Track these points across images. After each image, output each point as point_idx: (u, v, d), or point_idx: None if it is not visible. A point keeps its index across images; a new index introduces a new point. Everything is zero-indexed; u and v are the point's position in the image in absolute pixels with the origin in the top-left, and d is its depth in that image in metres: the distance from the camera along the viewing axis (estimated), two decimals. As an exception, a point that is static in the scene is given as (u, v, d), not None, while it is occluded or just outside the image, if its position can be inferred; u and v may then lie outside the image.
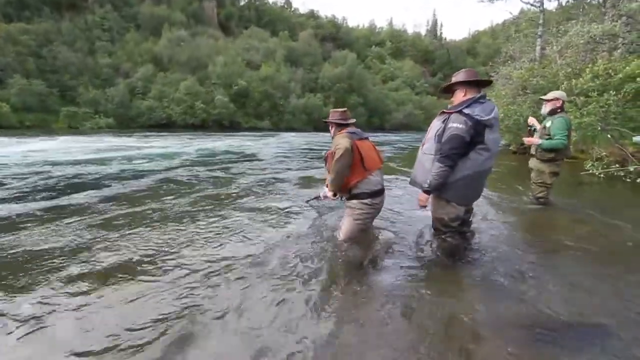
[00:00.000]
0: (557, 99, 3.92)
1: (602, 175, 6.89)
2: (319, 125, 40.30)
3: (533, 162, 4.19)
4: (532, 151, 4.19)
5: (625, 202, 5.23)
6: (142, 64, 35.03)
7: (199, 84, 34.65)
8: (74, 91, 30.94)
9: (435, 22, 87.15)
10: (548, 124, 3.89)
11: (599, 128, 7.21)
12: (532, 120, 4.28)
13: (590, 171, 7.17)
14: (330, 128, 2.88)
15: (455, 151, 2.24)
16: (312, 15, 69.92)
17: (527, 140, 4.11)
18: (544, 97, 4.08)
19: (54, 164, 7.76)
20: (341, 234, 2.81)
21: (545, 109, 3.99)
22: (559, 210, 4.22)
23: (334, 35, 65.60)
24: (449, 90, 2.46)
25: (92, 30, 37.50)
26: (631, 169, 6.62)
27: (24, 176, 6.18)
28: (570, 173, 8.04)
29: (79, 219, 3.55)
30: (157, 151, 11.35)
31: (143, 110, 31.92)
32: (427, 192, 2.36)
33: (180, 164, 8.12)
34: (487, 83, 2.47)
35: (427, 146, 2.44)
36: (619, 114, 7.15)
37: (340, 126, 2.79)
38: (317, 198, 3.24)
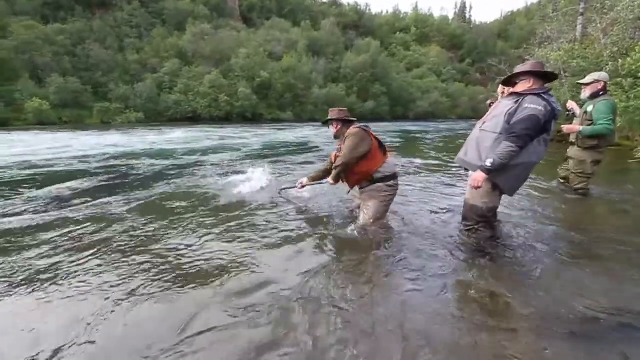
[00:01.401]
0: (597, 81, 3.49)
1: (654, 163, 6.30)
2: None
3: (573, 151, 3.82)
4: (572, 139, 3.81)
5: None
6: (168, 59, 35.92)
7: (223, 77, 35.13)
8: (106, 87, 32.32)
9: (463, 5, 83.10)
10: (589, 108, 3.49)
11: (650, 112, 6.56)
12: (571, 104, 3.89)
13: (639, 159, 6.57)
14: (333, 127, 2.96)
15: (530, 132, 2.07)
16: (334, 3, 68.65)
17: (565, 127, 3.73)
18: (581, 82, 3.69)
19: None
20: (369, 217, 2.84)
21: (585, 93, 3.58)
22: (600, 201, 3.86)
23: (356, 23, 64.20)
24: (510, 81, 2.32)
25: (121, 27, 38.83)
26: (688, 156, 5.99)
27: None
28: (614, 161, 7.41)
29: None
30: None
31: (170, 104, 32.85)
32: (487, 171, 2.16)
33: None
34: (554, 77, 2.28)
35: (490, 124, 2.27)
36: (673, 97, 6.45)
37: (347, 123, 2.91)
38: (291, 188, 3.52)
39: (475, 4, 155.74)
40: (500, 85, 2.73)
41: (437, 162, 7.48)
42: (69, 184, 4.90)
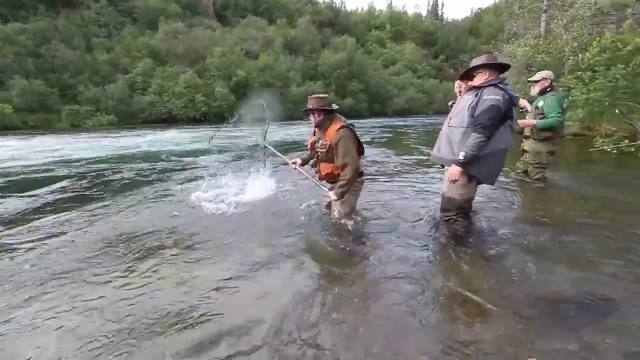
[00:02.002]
0: (544, 79, 3.93)
1: (615, 152, 6.78)
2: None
3: (529, 144, 4.15)
4: (527, 133, 4.13)
5: (636, 177, 5.13)
6: (141, 59, 34.72)
7: (198, 76, 34.36)
8: (75, 90, 30.86)
9: (436, 2, 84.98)
10: (540, 103, 3.87)
11: (607, 104, 7.03)
12: (523, 102, 4.21)
13: (601, 148, 7.04)
14: (315, 117, 2.80)
15: (494, 122, 2.23)
16: (310, 1, 68.43)
17: (521, 122, 4.04)
18: (531, 79, 4.06)
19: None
20: (345, 212, 2.91)
21: (535, 90, 4.00)
22: (564, 190, 4.16)
23: (332, 21, 64.31)
24: (468, 76, 2.49)
25: (88, 26, 37.14)
26: (642, 144, 6.47)
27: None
28: (578, 151, 7.90)
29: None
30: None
31: (144, 106, 31.82)
32: (461, 165, 2.31)
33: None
34: (508, 67, 2.46)
35: (456, 120, 2.43)
36: (629, 89, 6.94)
37: (329, 113, 2.78)
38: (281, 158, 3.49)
39: (447, 2, 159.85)
40: (457, 83, 2.90)
41: (418, 156, 7.72)
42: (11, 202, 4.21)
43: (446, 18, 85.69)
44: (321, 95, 2.85)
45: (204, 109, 32.57)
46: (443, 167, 2.68)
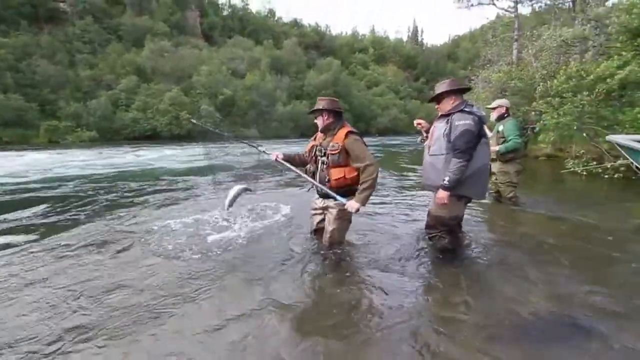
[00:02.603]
0: (500, 106, 4.34)
1: (584, 172, 7.21)
2: (307, 132, 40.49)
3: (497, 166, 4.45)
4: (493, 155, 4.44)
5: (604, 197, 5.48)
6: (125, 76, 34.56)
7: (184, 94, 34.39)
8: (54, 105, 30.24)
9: (415, 29, 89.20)
10: (500, 128, 4.24)
11: (575, 127, 7.53)
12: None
13: (572, 169, 7.47)
14: (323, 118, 2.62)
15: (471, 145, 2.40)
16: (295, 24, 70.57)
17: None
18: (489, 106, 4.46)
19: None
20: (336, 237, 2.77)
21: (493, 116, 4.41)
22: (538, 210, 4.40)
23: (317, 43, 66.29)
24: (437, 99, 2.65)
25: (72, 42, 36.87)
26: (608, 165, 6.93)
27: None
28: (551, 170, 8.34)
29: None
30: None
31: (127, 122, 31.42)
32: (447, 189, 2.45)
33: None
34: (468, 89, 2.72)
35: (435, 147, 2.58)
36: (593, 114, 7.48)
37: (338, 115, 2.65)
38: (262, 152, 2.89)
39: (426, 28, 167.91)
40: (415, 121, 3.07)
41: (403, 173, 7.95)
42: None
43: (425, 43, 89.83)
44: (332, 98, 2.67)
45: (189, 126, 32.42)
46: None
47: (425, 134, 2.97)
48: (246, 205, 4.15)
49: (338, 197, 2.55)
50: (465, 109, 2.47)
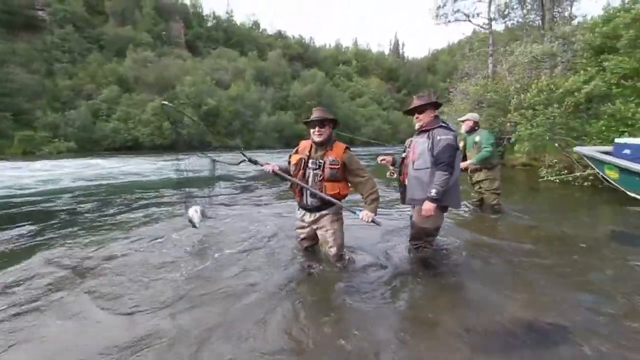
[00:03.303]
0: (468, 119, 4.63)
1: (557, 181, 7.59)
2: (291, 142, 40.61)
3: (482, 175, 4.65)
4: (477, 165, 4.67)
5: (575, 204, 5.80)
6: (106, 86, 33.93)
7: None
8: (30, 114, 29.24)
9: (397, 42, 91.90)
10: (477, 138, 4.49)
11: (547, 138, 7.95)
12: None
13: (546, 178, 7.86)
14: (319, 129, 2.55)
15: (452, 158, 2.57)
16: (280, 35, 71.43)
17: (462, 164, 4.53)
18: (460, 119, 4.80)
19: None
20: (340, 244, 2.76)
21: (463, 128, 4.67)
22: (518, 219, 4.61)
23: (302, 55, 67.20)
24: (415, 111, 2.80)
25: (50, 51, 35.99)
26: (578, 174, 7.33)
27: None
28: (527, 179, 8.73)
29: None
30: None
31: (107, 132, 30.73)
32: (434, 201, 2.55)
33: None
34: (441, 104, 2.93)
35: (420, 162, 2.70)
36: (563, 125, 7.93)
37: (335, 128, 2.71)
38: (254, 163, 2.67)
39: (407, 42, 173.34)
40: (378, 158, 3.13)
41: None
42: None
43: (407, 56, 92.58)
44: (322, 108, 2.67)
45: (172, 136, 31.98)
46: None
47: (392, 168, 3.11)
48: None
49: (349, 208, 2.57)
50: (443, 125, 2.66)
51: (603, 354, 1.77)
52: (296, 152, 2.75)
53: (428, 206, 2.56)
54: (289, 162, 2.76)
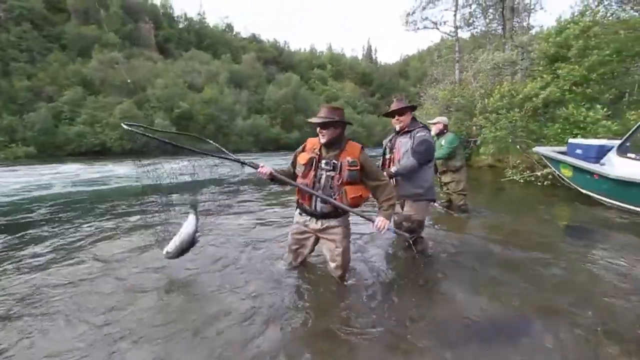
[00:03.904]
0: (438, 122, 4.88)
1: (520, 181, 8.08)
2: (267, 146, 40.32)
3: (449, 177, 4.92)
4: (442, 168, 4.92)
5: (536, 202, 6.21)
6: (69, 87, 32.16)
7: (137, 107, 32.75)
8: (-17, 117, 27.22)
9: (370, 48, 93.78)
10: (442, 142, 4.77)
11: (510, 140, 8.45)
12: None
13: (510, 177, 8.34)
14: (333, 130, 2.30)
15: (427, 153, 2.90)
16: (254, 39, 70.81)
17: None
18: (430, 122, 5.02)
19: None
20: (346, 266, 2.56)
21: (433, 131, 4.88)
22: (483, 216, 4.89)
23: (276, 59, 66.95)
24: (396, 113, 3.02)
25: (6, 50, 33.67)
26: (538, 174, 7.84)
27: None
28: (492, 179, 9.21)
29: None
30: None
31: (71, 136, 29.11)
32: (394, 175, 2.95)
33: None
34: (416, 107, 3.21)
35: (405, 160, 2.98)
36: (524, 128, 8.47)
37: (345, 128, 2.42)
38: (248, 165, 2.35)
39: (380, 48, 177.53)
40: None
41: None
42: None
43: (379, 61, 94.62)
44: (337, 106, 2.39)
45: (143, 140, 30.78)
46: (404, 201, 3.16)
47: None
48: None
49: (361, 214, 2.36)
50: (421, 125, 3.02)
51: (561, 341, 1.94)
52: (303, 149, 2.45)
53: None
54: (294, 162, 2.45)
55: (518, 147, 8.65)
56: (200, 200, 3.00)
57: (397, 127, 3.05)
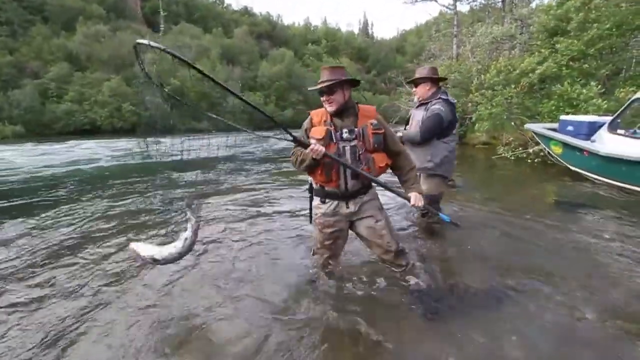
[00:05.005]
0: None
1: (512, 157, 8.09)
2: (261, 125, 39.74)
3: None
4: None
5: (526, 178, 6.26)
6: (55, 63, 31.01)
7: (126, 84, 31.82)
8: (-35, 95, 26.32)
9: (366, 22, 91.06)
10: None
11: (505, 117, 8.39)
12: None
13: (502, 154, 8.35)
14: (340, 94, 1.94)
15: (435, 127, 2.73)
16: (246, 12, 68.20)
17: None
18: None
19: None
20: (397, 236, 2.16)
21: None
22: (475, 191, 4.93)
23: (270, 33, 64.82)
24: (413, 83, 2.96)
25: (-16, 22, 32.16)
26: (530, 150, 7.85)
27: None
28: (485, 156, 9.24)
29: None
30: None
31: (60, 114, 28.38)
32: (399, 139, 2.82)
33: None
34: (444, 79, 3.12)
35: (411, 130, 2.91)
36: (519, 105, 8.40)
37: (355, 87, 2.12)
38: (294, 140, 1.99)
39: (376, 22, 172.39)
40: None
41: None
42: None
43: (376, 36, 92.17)
44: (339, 65, 2.07)
45: (133, 119, 30.21)
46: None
47: None
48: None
49: (396, 190, 2.04)
50: (442, 97, 2.77)
51: (545, 309, 2.02)
52: (312, 124, 2.08)
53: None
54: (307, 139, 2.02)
55: (512, 123, 8.61)
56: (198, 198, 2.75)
57: (415, 99, 2.98)
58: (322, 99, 1.97)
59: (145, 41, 1.62)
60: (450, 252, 2.85)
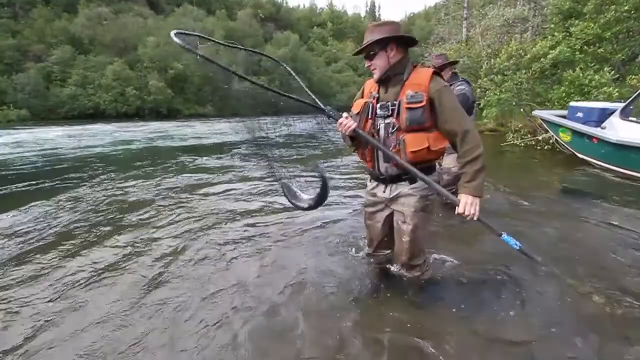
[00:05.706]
0: None
1: (522, 145, 7.96)
2: (267, 110, 39.27)
3: None
4: None
5: (535, 166, 6.17)
6: (57, 46, 30.73)
7: (129, 67, 31.56)
8: (-32, 78, 26.30)
9: (373, 5, 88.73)
10: None
11: (514, 103, 8.21)
12: None
13: (511, 142, 8.22)
14: (386, 55, 1.63)
15: (465, 107, 2.93)
16: (250, -8, 66.66)
17: None
18: None
19: None
20: (419, 241, 1.85)
21: None
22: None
23: (274, 16, 63.50)
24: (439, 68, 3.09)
25: (-15, 4, 31.78)
26: (540, 138, 7.71)
27: None
28: (494, 143, 9.10)
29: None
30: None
31: (64, 98, 28.35)
32: None
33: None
34: (457, 62, 3.48)
35: None
36: (529, 91, 8.19)
37: (411, 46, 1.77)
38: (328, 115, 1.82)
39: (383, 5, 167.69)
40: None
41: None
42: None
43: (383, 19, 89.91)
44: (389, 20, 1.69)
45: (137, 103, 30.12)
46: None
47: None
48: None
49: (440, 189, 1.63)
50: (462, 80, 3.10)
51: (553, 293, 2.01)
52: (362, 95, 1.88)
53: None
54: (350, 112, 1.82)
55: (522, 110, 8.43)
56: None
57: None
58: (366, 65, 1.70)
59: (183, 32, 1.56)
60: (457, 234, 2.83)
